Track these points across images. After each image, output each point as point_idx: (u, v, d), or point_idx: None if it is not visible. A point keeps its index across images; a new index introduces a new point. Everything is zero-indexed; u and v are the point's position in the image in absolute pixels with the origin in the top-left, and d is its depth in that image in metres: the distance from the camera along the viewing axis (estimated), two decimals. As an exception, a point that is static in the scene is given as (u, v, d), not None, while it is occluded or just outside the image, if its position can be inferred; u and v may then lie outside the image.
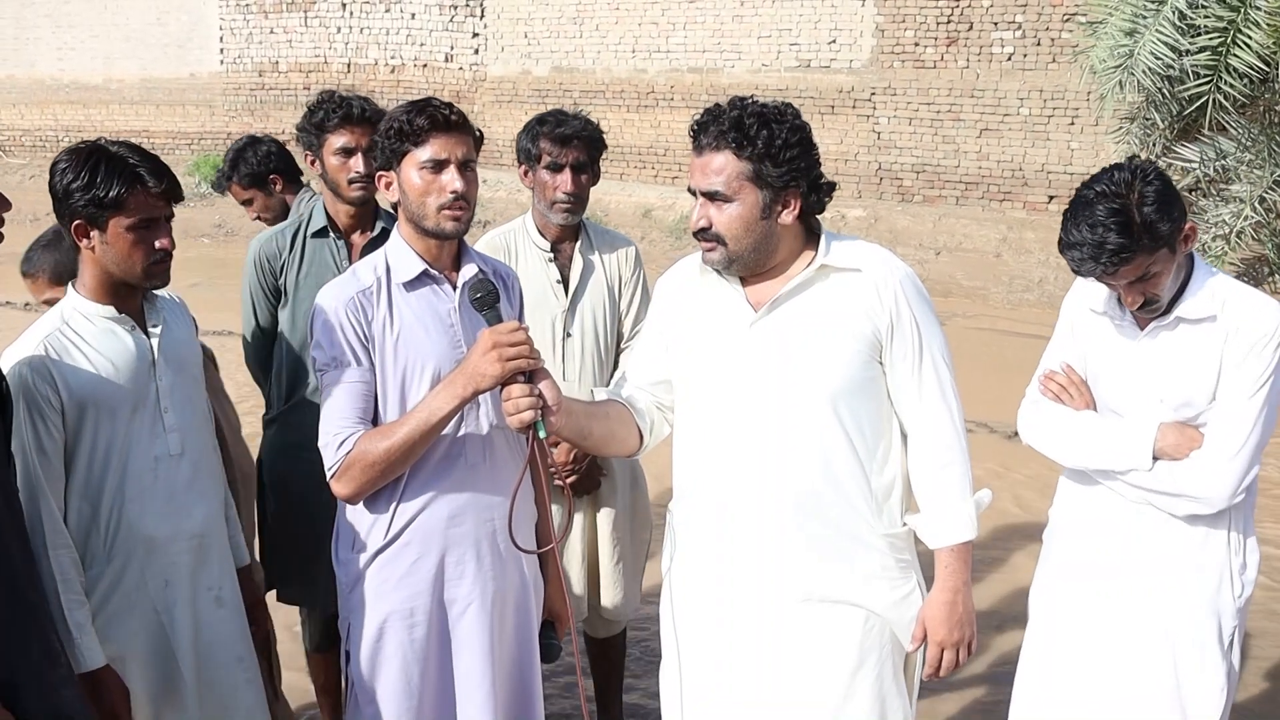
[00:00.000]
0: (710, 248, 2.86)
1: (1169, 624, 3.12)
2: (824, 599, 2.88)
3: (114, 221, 2.90)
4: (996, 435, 8.34)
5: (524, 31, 17.76)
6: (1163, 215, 2.89)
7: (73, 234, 2.95)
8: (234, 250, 15.71)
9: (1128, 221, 2.86)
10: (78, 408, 2.91)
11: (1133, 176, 2.92)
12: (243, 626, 3.25)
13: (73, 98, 21.81)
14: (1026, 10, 14.08)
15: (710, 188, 2.81)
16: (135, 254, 2.94)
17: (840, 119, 15.36)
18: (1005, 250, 13.68)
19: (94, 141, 3.00)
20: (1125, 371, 3.15)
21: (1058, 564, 3.36)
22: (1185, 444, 3.03)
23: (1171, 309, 3.05)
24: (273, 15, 19.85)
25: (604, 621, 4.40)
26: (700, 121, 2.86)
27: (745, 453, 2.89)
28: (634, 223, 15.59)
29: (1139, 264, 2.90)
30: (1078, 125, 13.82)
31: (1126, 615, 3.17)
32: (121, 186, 2.88)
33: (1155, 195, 2.89)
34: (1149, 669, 3.14)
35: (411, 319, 3.04)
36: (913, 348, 2.87)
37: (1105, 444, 3.13)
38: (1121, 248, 2.87)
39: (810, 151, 2.84)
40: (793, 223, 2.86)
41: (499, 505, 3.07)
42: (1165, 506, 3.08)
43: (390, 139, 3.01)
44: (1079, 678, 3.25)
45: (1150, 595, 3.14)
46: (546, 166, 4.07)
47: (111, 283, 2.99)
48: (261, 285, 4.09)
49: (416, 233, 3.06)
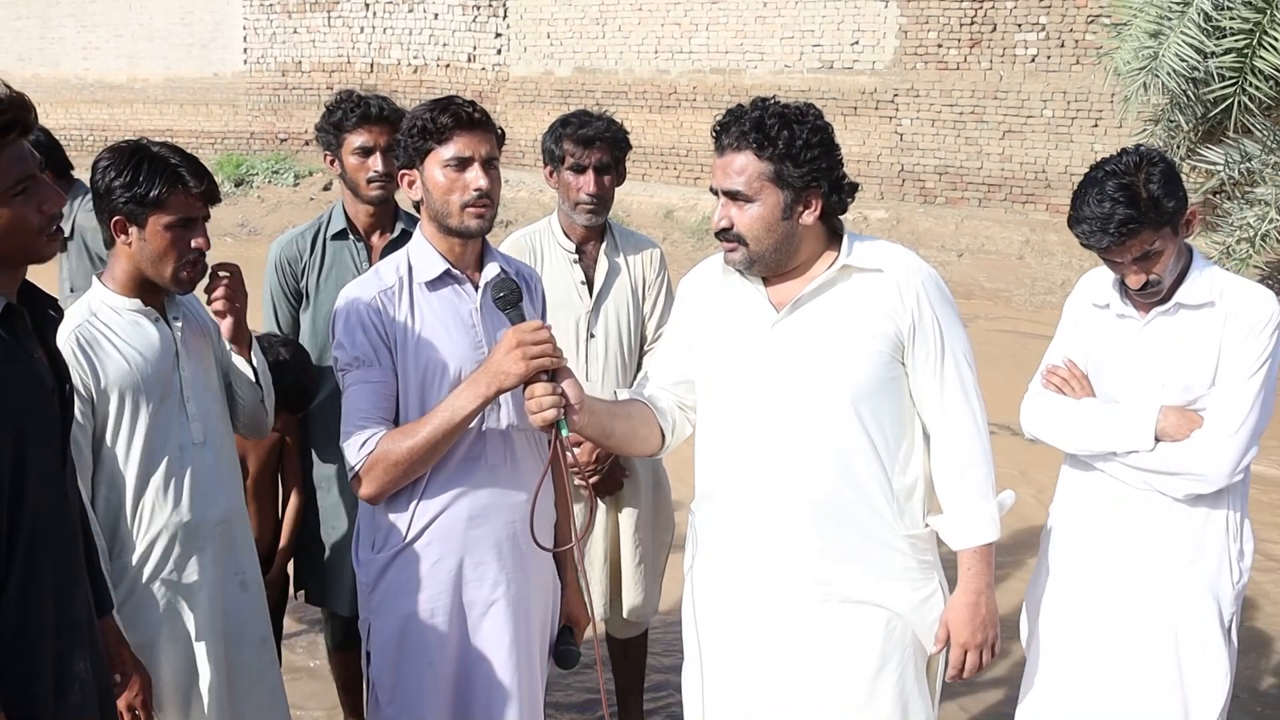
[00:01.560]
0: (732, 248, 2.86)
1: (1171, 611, 3.19)
2: (846, 599, 2.87)
3: (153, 219, 2.97)
4: (1019, 437, 8.29)
5: (547, 32, 17.78)
6: (1168, 194, 3.05)
7: (111, 229, 3.00)
8: (257, 249, 15.73)
9: (1135, 196, 3.03)
10: (107, 397, 2.96)
11: (1140, 159, 3.10)
12: (264, 609, 3.33)
13: (97, 97, 21.92)
14: (1050, 12, 14.02)
15: (732, 188, 2.81)
16: (171, 252, 3.00)
17: (863, 120, 15.33)
18: (1028, 252, 13.63)
19: (136, 140, 3.06)
20: (1127, 359, 3.25)
21: (1059, 554, 3.40)
22: (1186, 425, 3.12)
23: (1171, 296, 3.17)
24: (296, 15, 19.91)
25: (625, 622, 4.40)
26: (722, 122, 2.86)
27: (767, 453, 2.89)
28: (655, 223, 15.59)
29: (1145, 238, 3.04)
30: (1101, 127, 13.76)
31: (1128, 603, 3.23)
32: (163, 186, 2.96)
33: (1161, 175, 3.06)
34: (1152, 656, 3.20)
35: (433, 319, 3.04)
36: (935, 348, 2.87)
37: (1107, 427, 3.22)
38: (1129, 219, 3.02)
39: (832, 152, 2.84)
40: (814, 223, 2.86)
41: (520, 506, 3.06)
42: (1166, 487, 3.16)
43: (414, 137, 3.01)
44: (1082, 666, 3.29)
45: (1153, 583, 3.20)
46: (570, 168, 4.07)
47: (141, 278, 3.04)
48: (282, 288, 4.10)
49: (439, 231, 3.06)
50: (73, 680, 2.46)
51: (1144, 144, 3.38)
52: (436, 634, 3.05)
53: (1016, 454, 7.97)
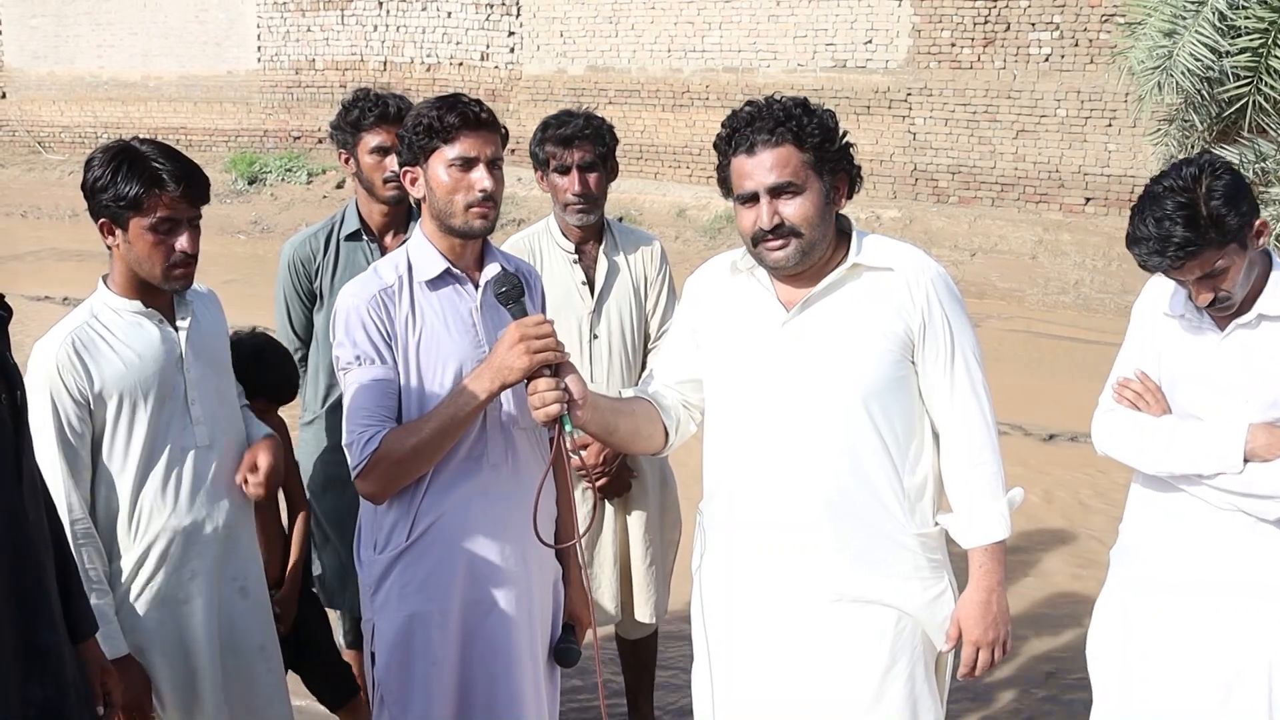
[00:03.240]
0: (782, 244, 2.82)
1: (1264, 645, 2.99)
2: (856, 599, 2.87)
3: (134, 221, 2.94)
4: (1031, 438, 8.31)
5: (559, 30, 17.78)
6: (1231, 209, 2.84)
7: (100, 230, 2.98)
8: (269, 247, 15.78)
9: (1194, 215, 2.83)
10: (104, 399, 2.95)
11: (1200, 171, 2.89)
12: (266, 616, 3.31)
13: (111, 95, 21.98)
14: (1064, 11, 13.98)
15: (780, 181, 2.79)
16: (155, 254, 2.97)
17: (876, 119, 15.30)
18: (1041, 252, 13.60)
19: (127, 140, 3.02)
20: (1205, 374, 3.05)
21: (1130, 581, 3.21)
22: (1278, 444, 2.93)
23: (1251, 306, 2.99)
24: (310, 13, 19.95)
25: (635, 623, 4.40)
26: (744, 122, 2.84)
27: (777, 452, 2.88)
28: (668, 222, 15.59)
29: (1207, 259, 2.86)
30: (1115, 127, 13.71)
31: (1215, 636, 3.03)
32: (140, 187, 2.91)
33: (1224, 189, 2.85)
34: (1241, 692, 3.01)
35: (434, 318, 3.02)
36: (945, 346, 2.86)
37: (1192, 447, 3.01)
38: (1187, 241, 2.83)
39: (842, 137, 2.89)
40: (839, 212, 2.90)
41: (522, 505, 3.05)
42: (1257, 510, 2.96)
43: (419, 135, 2.99)
44: (1166, 702, 3.11)
45: (1242, 615, 3.00)
46: (555, 170, 4.06)
47: (138, 279, 3.03)
48: (296, 289, 4.10)
49: (441, 230, 3.04)
50: (28, 707, 2.38)
51: (1209, 154, 3.07)
52: (441, 634, 3.04)
53: (1028, 454, 7.99)
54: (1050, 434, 8.39)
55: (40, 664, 2.43)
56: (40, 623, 2.44)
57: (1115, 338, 3.39)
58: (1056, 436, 8.35)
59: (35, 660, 2.42)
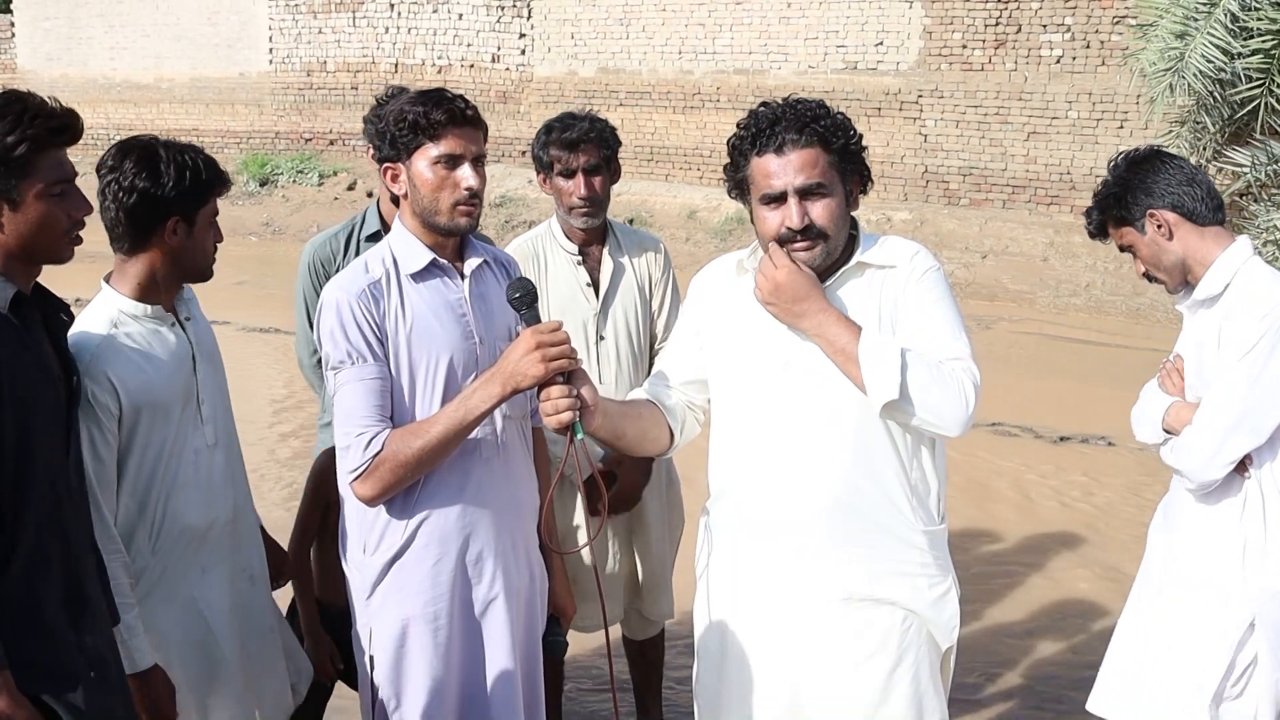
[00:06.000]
0: (809, 246, 2.82)
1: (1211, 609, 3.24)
2: (864, 598, 2.87)
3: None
4: (1042, 440, 8.28)
5: (570, 32, 17.80)
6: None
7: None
8: (280, 248, 15.82)
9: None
10: (135, 412, 2.94)
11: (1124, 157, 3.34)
12: (271, 599, 3.37)
13: (124, 96, 22.06)
14: (1076, 13, 13.96)
15: (809, 182, 2.79)
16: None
17: (887, 121, 15.29)
18: (1052, 254, 13.59)
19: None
20: (1187, 356, 3.34)
21: (1144, 565, 3.51)
22: (1178, 421, 3.24)
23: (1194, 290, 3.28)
24: (321, 15, 20.00)
25: (644, 622, 4.41)
26: (769, 122, 2.84)
27: (783, 452, 2.89)
28: (679, 224, 15.59)
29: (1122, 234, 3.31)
30: (1127, 129, 13.69)
31: (1190, 615, 3.28)
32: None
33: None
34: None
35: (424, 310, 2.99)
36: (926, 300, 2.86)
37: (1142, 420, 3.39)
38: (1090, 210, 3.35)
39: (858, 139, 2.92)
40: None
41: (513, 500, 3.06)
42: (1180, 481, 3.29)
43: (404, 131, 2.95)
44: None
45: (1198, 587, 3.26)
46: (559, 173, 4.05)
47: (153, 279, 3.02)
48: (316, 289, 4.08)
49: (424, 227, 3.02)
50: (79, 652, 2.53)
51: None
52: (439, 634, 3.04)
53: (1040, 456, 7.97)
54: (1061, 436, 8.36)
55: (87, 613, 2.57)
56: (83, 571, 2.58)
57: (1127, 340, 3.51)
58: (1068, 439, 8.32)
59: (80, 608, 2.55)
